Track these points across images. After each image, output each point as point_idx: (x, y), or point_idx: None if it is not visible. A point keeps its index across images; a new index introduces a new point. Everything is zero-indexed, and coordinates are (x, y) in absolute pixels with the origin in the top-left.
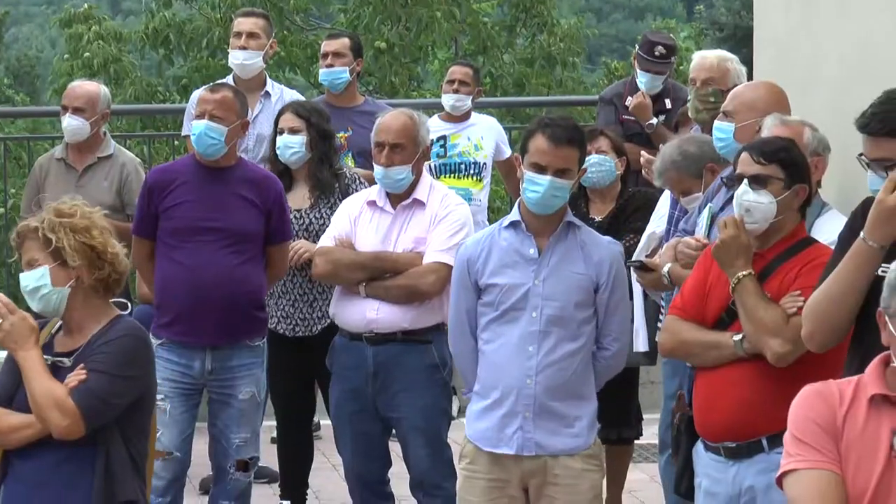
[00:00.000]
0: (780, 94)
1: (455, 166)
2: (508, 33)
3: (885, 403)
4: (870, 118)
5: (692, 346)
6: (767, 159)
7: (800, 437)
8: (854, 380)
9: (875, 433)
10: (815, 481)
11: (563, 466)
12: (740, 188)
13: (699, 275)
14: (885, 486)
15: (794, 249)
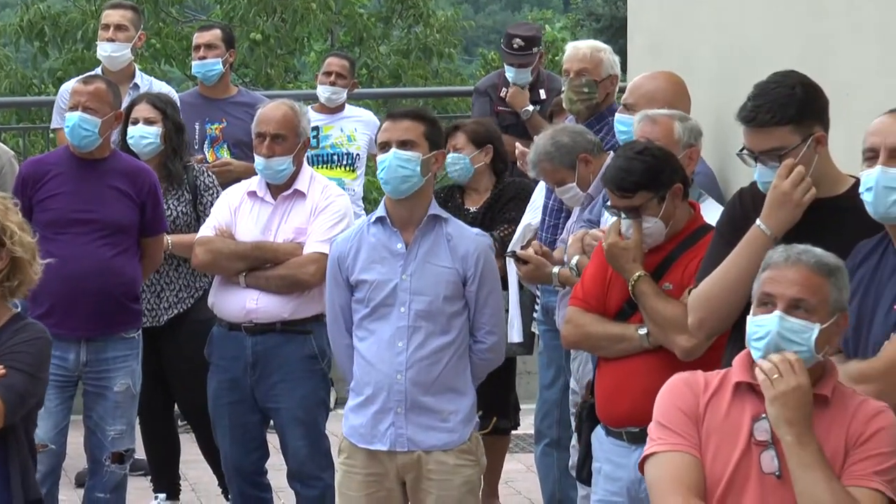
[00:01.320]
0: (678, 83)
1: (327, 157)
2: (384, 24)
3: (748, 392)
4: (756, 110)
5: (598, 339)
6: (631, 191)
7: (663, 422)
8: (723, 371)
9: (736, 420)
10: (673, 463)
11: (437, 462)
12: (623, 223)
13: (598, 266)
14: (742, 470)
15: (692, 238)
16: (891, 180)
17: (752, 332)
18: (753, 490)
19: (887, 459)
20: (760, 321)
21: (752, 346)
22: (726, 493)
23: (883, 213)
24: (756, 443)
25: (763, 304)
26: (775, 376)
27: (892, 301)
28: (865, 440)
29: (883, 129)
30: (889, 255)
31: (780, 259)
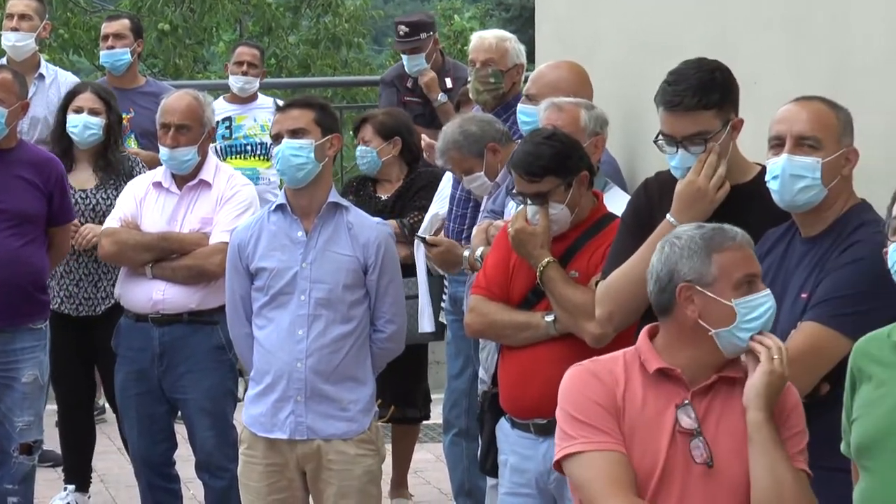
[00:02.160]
0: (581, 72)
1: (241, 147)
2: (293, 14)
3: (661, 378)
4: (681, 94)
5: (503, 328)
6: (538, 175)
7: (582, 418)
8: (618, 357)
9: (657, 410)
10: (606, 463)
11: (337, 451)
12: (529, 209)
13: (502, 254)
14: (672, 461)
15: (596, 227)
16: (797, 168)
17: (744, 314)
18: (682, 481)
19: (803, 437)
20: (755, 301)
21: (744, 328)
22: (658, 487)
23: (789, 201)
24: (682, 431)
25: (745, 284)
26: (776, 356)
27: (799, 289)
28: (786, 418)
29: (789, 116)
30: (796, 244)
31: (742, 241)
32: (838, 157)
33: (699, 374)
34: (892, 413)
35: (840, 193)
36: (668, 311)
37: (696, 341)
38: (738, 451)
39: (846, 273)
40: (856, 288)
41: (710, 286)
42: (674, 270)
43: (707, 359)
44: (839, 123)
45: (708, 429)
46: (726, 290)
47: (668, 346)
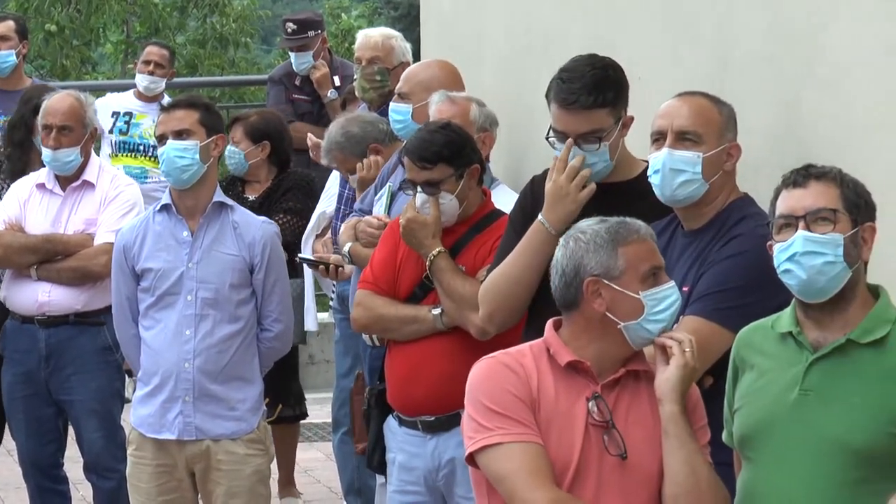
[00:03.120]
0: (453, 71)
1: (134, 146)
2: (180, 14)
3: (571, 371)
4: (576, 92)
5: (390, 322)
6: (431, 162)
7: (499, 409)
8: (524, 350)
9: (569, 402)
10: (527, 454)
11: (226, 451)
12: (418, 197)
13: (388, 249)
14: (587, 453)
15: (484, 222)
16: (677, 163)
17: (653, 306)
18: (597, 473)
19: (707, 432)
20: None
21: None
22: (575, 479)
23: (669, 196)
24: (594, 424)
25: (651, 276)
26: (687, 349)
27: (680, 283)
28: (690, 413)
29: (671, 111)
30: (678, 237)
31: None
32: (720, 153)
33: (607, 367)
34: (775, 403)
35: (722, 188)
36: (575, 306)
37: (604, 334)
38: (649, 442)
39: (728, 266)
40: (737, 281)
41: (617, 279)
42: (580, 265)
43: (615, 352)
44: (721, 118)
45: (618, 421)
46: (633, 283)
47: (575, 340)
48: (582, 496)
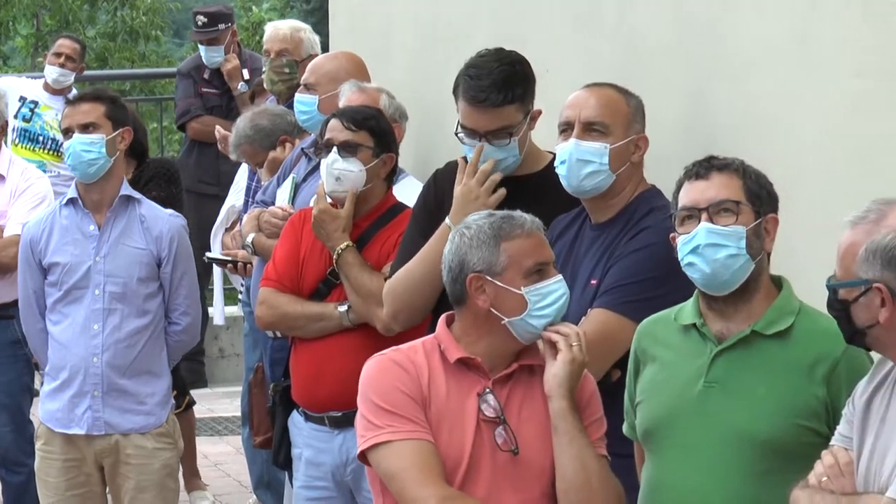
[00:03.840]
0: (359, 62)
1: (34, 136)
2: (90, 7)
3: (462, 367)
4: (486, 90)
5: (296, 319)
6: (357, 126)
7: (388, 407)
8: (417, 346)
9: (460, 399)
10: (417, 452)
11: (135, 445)
12: (330, 156)
13: (291, 245)
14: (478, 449)
15: (387, 216)
16: (584, 153)
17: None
18: (486, 468)
19: (602, 425)
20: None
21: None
22: (466, 475)
23: (576, 186)
24: (485, 419)
25: (536, 272)
26: (575, 343)
27: (588, 275)
28: (584, 407)
29: (577, 102)
30: (586, 230)
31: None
32: (627, 144)
33: (498, 362)
34: (679, 396)
35: (629, 179)
36: (462, 301)
37: (492, 330)
38: (542, 437)
39: (635, 259)
40: (645, 274)
41: (499, 275)
42: (464, 261)
43: (504, 347)
44: (629, 110)
45: (511, 416)
46: (516, 279)
47: (466, 335)
48: (474, 492)
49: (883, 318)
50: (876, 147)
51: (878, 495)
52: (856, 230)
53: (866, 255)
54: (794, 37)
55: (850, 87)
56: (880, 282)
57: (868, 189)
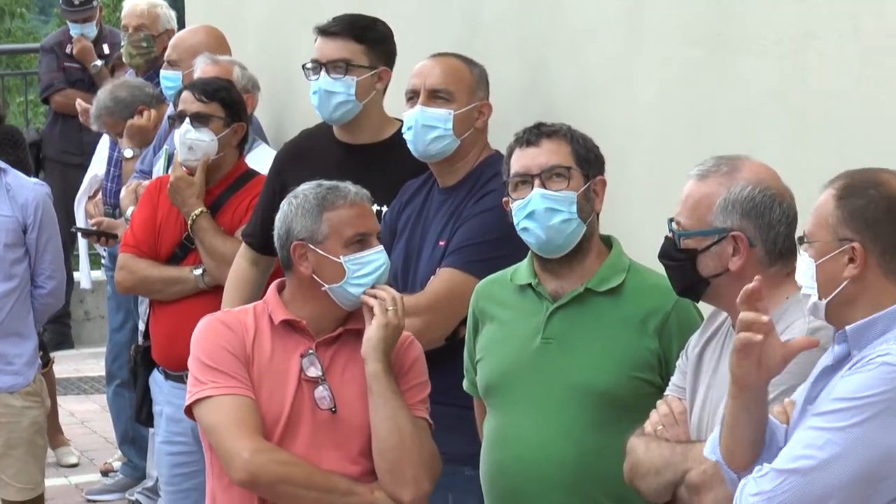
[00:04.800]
0: (220, 36)
1: None
2: None
3: (289, 328)
4: (338, 22)
5: (153, 283)
6: (209, 98)
7: (213, 364)
8: (248, 309)
9: (283, 359)
10: (235, 406)
11: (4, 404)
12: (183, 126)
13: (148, 213)
14: (297, 407)
15: (239, 182)
16: (429, 119)
17: (354, 270)
18: (307, 426)
19: (426, 387)
20: (365, 258)
21: (355, 283)
22: (284, 432)
23: (422, 151)
24: (307, 379)
25: (357, 241)
26: (391, 308)
27: (437, 237)
28: (407, 370)
29: (423, 71)
30: (434, 193)
31: (355, 199)
32: (471, 110)
33: (324, 325)
34: (518, 352)
35: (474, 144)
36: (289, 267)
37: (315, 295)
38: (362, 398)
39: (481, 221)
40: (490, 235)
41: (321, 244)
42: (290, 228)
43: (329, 312)
44: (472, 78)
45: (333, 377)
46: (336, 248)
47: (294, 300)
48: (293, 447)
49: (735, 267)
50: (706, 113)
51: None
52: (708, 182)
53: (725, 204)
54: (628, 8)
55: (681, 56)
56: (738, 230)
57: (700, 152)
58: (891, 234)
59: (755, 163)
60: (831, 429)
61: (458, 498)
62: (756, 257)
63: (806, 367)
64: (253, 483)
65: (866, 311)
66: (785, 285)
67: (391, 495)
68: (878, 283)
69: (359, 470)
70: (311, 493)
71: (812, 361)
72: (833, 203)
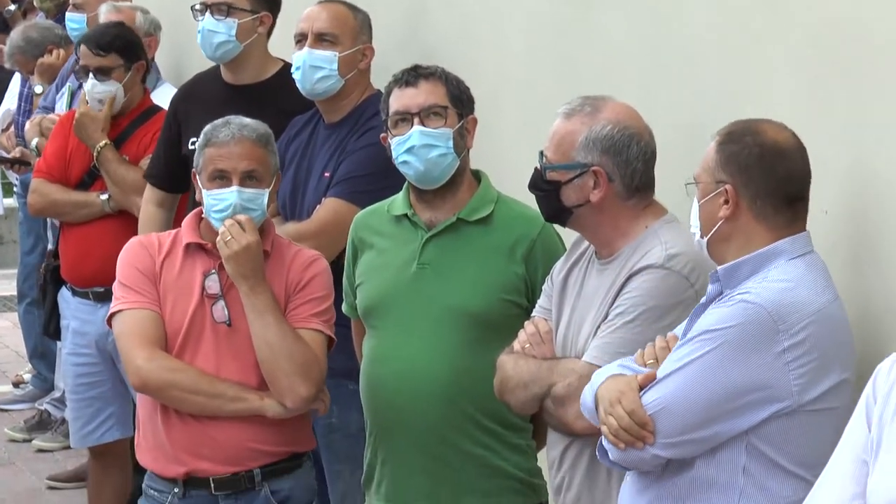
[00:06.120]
0: None
1: None
2: None
3: (198, 251)
4: None
5: (63, 206)
6: (105, 50)
7: (125, 282)
8: (172, 232)
9: (189, 277)
10: (137, 319)
11: None
12: (89, 82)
13: (60, 142)
14: (198, 321)
15: (144, 116)
16: (316, 60)
17: (212, 205)
18: (209, 338)
19: (323, 302)
20: (220, 195)
21: (213, 217)
22: (185, 342)
23: (310, 89)
24: (208, 296)
25: (217, 178)
26: (228, 238)
27: (323, 168)
28: (303, 286)
29: (311, 16)
30: (320, 129)
31: (226, 137)
32: (354, 53)
33: None
34: (396, 277)
35: (357, 84)
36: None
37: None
38: None
39: (363, 155)
40: (371, 168)
41: (200, 176)
42: (196, 159)
43: None
44: (356, 23)
45: (232, 294)
46: (205, 181)
47: (204, 224)
48: (193, 357)
49: (595, 198)
50: (571, 59)
51: (575, 359)
52: (573, 120)
53: (586, 142)
54: None
55: (548, 8)
56: (598, 166)
57: (564, 94)
58: (762, 180)
59: (618, 103)
60: (688, 354)
61: (341, 410)
62: (615, 191)
63: (661, 290)
64: (144, 387)
65: (739, 251)
66: (643, 217)
67: (278, 401)
68: (750, 225)
69: (257, 379)
70: (197, 398)
71: (669, 285)
72: (714, 148)
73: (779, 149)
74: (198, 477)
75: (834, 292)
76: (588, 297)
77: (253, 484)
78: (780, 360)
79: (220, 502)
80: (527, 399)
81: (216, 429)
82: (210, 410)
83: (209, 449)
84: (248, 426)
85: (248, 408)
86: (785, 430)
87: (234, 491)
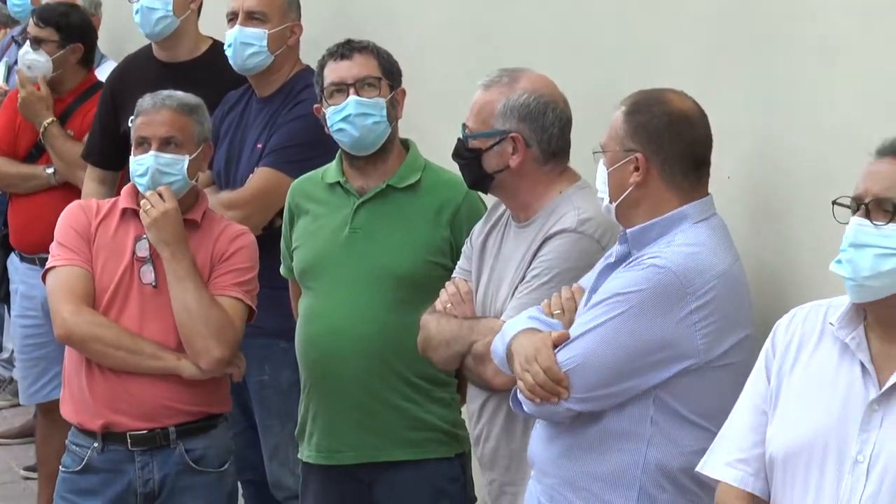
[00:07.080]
0: None
1: None
2: None
3: (133, 216)
4: None
5: (11, 178)
6: (44, 23)
7: (62, 241)
8: (113, 199)
9: (122, 240)
10: (68, 275)
11: None
12: (24, 48)
13: (8, 117)
14: (126, 282)
15: (88, 93)
16: (246, 37)
17: (134, 170)
18: (135, 298)
19: (246, 273)
20: (140, 160)
21: (137, 181)
22: (112, 300)
23: (241, 65)
24: (137, 259)
25: (140, 144)
26: (148, 207)
27: (255, 140)
28: (228, 257)
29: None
30: (252, 103)
31: (148, 105)
32: (283, 30)
33: None
34: (329, 241)
35: (286, 60)
36: None
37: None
38: None
39: (294, 127)
40: (302, 139)
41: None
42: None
43: None
44: (285, 2)
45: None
46: (133, 149)
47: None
48: (119, 316)
49: (514, 164)
50: (492, 33)
51: (494, 319)
52: (491, 91)
53: (504, 110)
54: None
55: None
56: (516, 132)
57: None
58: (670, 147)
59: (534, 74)
60: (602, 315)
61: (273, 367)
62: (532, 156)
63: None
64: (69, 339)
65: (648, 216)
66: (558, 182)
67: (194, 363)
68: (659, 190)
69: (177, 340)
70: (118, 353)
71: (581, 248)
72: (622, 118)
73: (685, 116)
74: (115, 432)
75: (735, 254)
76: (506, 259)
77: (168, 441)
78: (688, 320)
79: (137, 458)
80: (449, 356)
81: (135, 385)
82: (129, 366)
83: (127, 403)
84: (165, 384)
85: (164, 366)
86: (691, 384)
87: (150, 447)
